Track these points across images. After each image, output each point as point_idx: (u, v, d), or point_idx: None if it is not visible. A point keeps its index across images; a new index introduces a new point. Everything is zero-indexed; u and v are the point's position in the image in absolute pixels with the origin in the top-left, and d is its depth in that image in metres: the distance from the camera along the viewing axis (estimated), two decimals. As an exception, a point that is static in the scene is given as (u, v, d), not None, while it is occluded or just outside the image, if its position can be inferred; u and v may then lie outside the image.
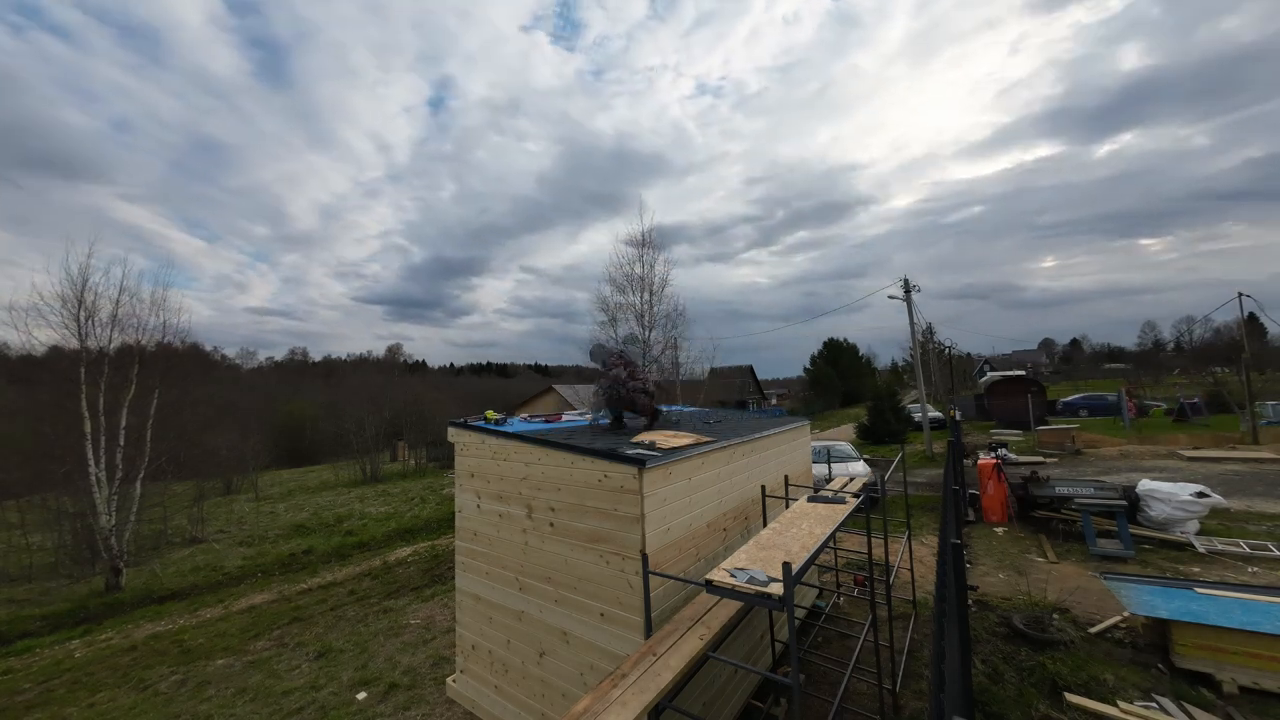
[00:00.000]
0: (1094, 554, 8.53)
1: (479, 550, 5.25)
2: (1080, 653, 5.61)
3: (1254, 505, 10.95)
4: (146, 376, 13.20)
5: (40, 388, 13.11)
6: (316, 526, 16.78)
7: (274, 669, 6.85)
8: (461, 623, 5.48)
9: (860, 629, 4.69)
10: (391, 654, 6.93)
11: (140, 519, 13.20)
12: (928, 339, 40.57)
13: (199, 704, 6.13)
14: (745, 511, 5.37)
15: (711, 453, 4.78)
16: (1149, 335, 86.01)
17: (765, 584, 2.83)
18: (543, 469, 4.58)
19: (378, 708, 5.65)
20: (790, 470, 6.58)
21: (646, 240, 20.22)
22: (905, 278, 21.60)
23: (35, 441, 13.47)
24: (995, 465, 11.03)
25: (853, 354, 71.19)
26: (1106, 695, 4.88)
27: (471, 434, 5.42)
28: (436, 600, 8.88)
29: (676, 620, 3.52)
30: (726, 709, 4.55)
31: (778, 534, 3.67)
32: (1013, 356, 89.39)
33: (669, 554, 4.05)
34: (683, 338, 20.94)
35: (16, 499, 15.24)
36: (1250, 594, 5.59)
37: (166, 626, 9.15)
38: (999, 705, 4.81)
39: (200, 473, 20.29)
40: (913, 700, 5.02)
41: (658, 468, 3.97)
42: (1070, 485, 10.05)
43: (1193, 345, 61.88)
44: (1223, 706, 4.70)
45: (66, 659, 8.07)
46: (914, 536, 9.26)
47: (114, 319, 12.65)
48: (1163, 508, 9.10)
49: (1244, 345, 25.06)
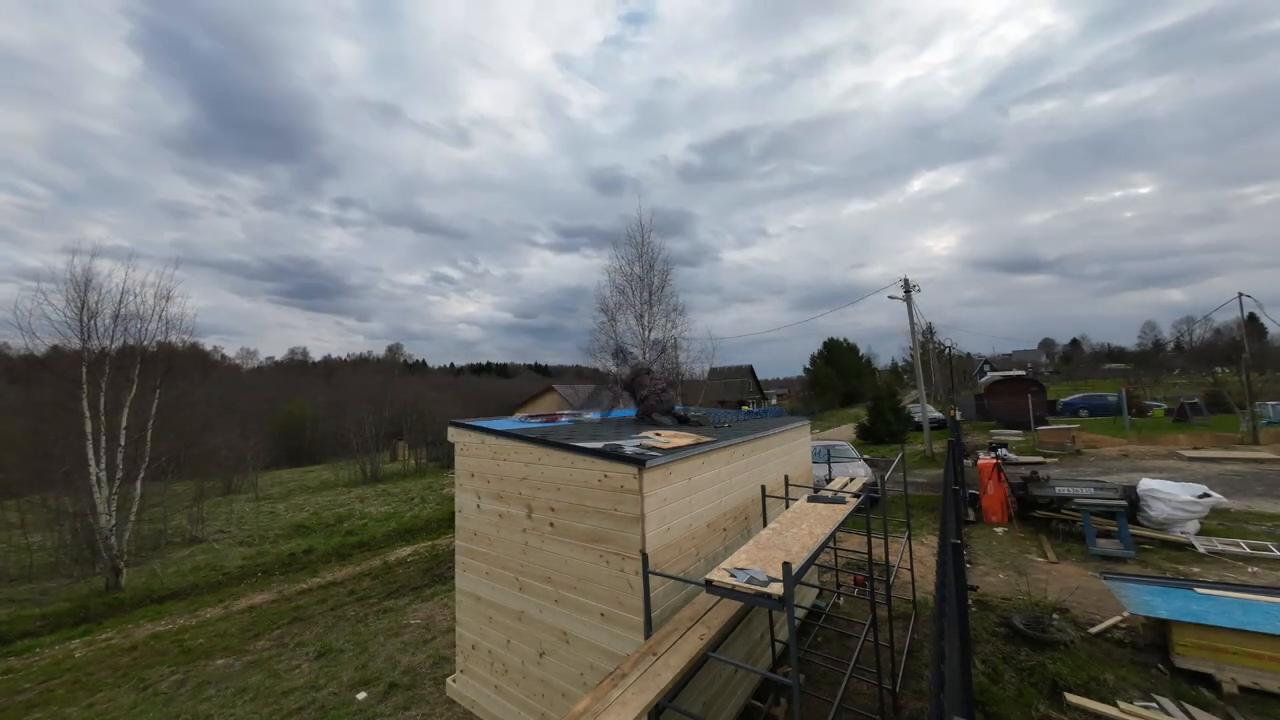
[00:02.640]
0: (1094, 554, 8.53)
1: (479, 550, 5.25)
2: (1080, 653, 5.61)
3: (1254, 505, 10.94)
4: (148, 376, 13.20)
5: (41, 387, 13.11)
6: (317, 526, 16.78)
7: (274, 669, 6.84)
8: (461, 623, 5.48)
9: (860, 629, 4.69)
10: (391, 654, 6.93)
11: (140, 519, 13.19)
12: (928, 339, 40.55)
13: (199, 704, 6.13)
14: (745, 511, 5.37)
15: (711, 453, 4.78)
16: (1149, 335, 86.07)
17: (765, 584, 2.83)
18: (542, 469, 4.58)
19: (378, 708, 5.65)
20: (790, 470, 6.58)
21: (646, 240, 20.24)
22: (905, 278, 21.60)
23: (35, 441, 13.48)
24: (995, 465, 11.03)
25: (853, 354, 71.21)
26: (1106, 695, 4.88)
27: (471, 434, 5.42)
28: (436, 600, 8.88)
29: (676, 620, 3.52)
30: (726, 709, 4.55)
31: (778, 534, 3.67)
32: (1013, 356, 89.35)
33: (669, 554, 4.05)
34: (682, 337, 20.94)
35: (16, 499, 15.24)
36: (1250, 594, 5.59)
37: (167, 626, 9.15)
38: (999, 705, 4.81)
39: (200, 473, 20.31)
40: (913, 700, 5.02)
41: (658, 468, 3.97)
42: (1070, 485, 10.05)
43: (1193, 345, 61.90)
44: (1223, 706, 4.70)
45: (66, 659, 8.07)
46: (914, 536, 9.26)
47: (117, 318, 12.67)
48: (1163, 508, 9.09)
49: (1244, 345, 25.05)
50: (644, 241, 20.21)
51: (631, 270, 20.15)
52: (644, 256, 20.12)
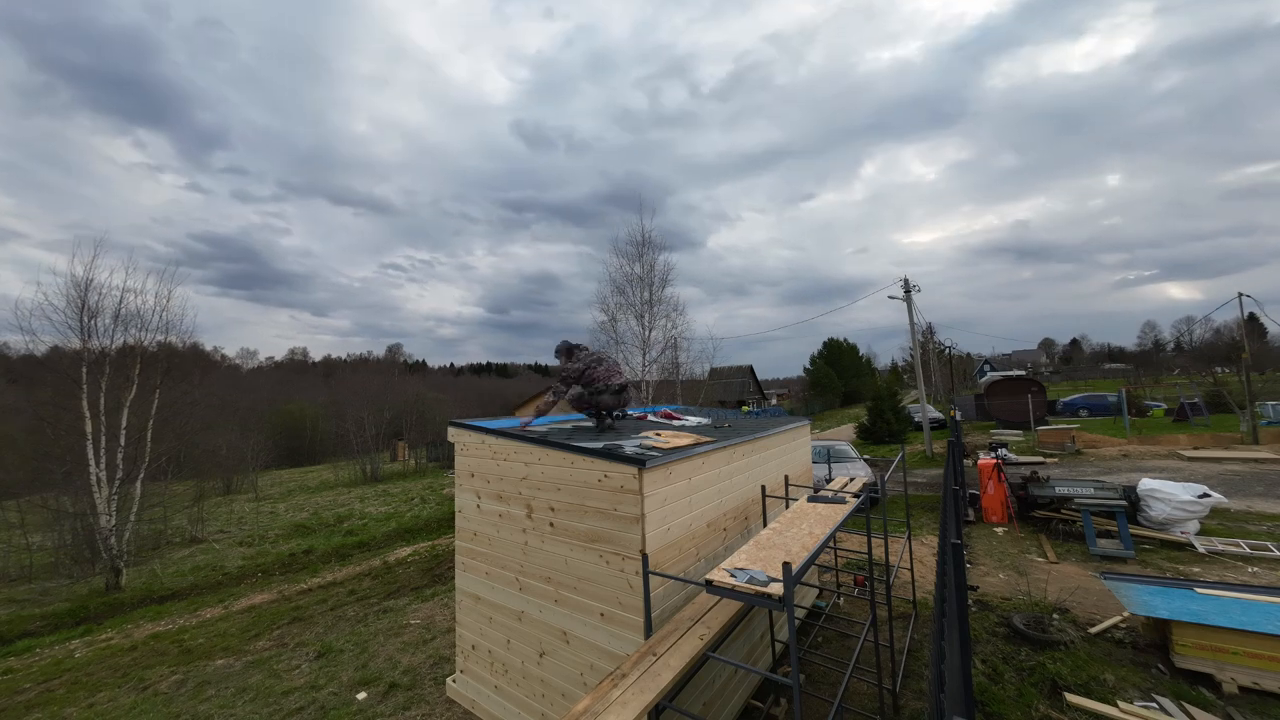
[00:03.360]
0: (1094, 554, 8.53)
1: (479, 550, 5.25)
2: (1080, 653, 5.61)
3: (1254, 505, 10.95)
4: (148, 376, 13.21)
5: (41, 388, 13.11)
6: (317, 526, 16.78)
7: (274, 669, 6.84)
8: (461, 623, 5.48)
9: (860, 629, 4.69)
10: (391, 654, 6.93)
11: (140, 519, 13.19)
12: (928, 339, 40.56)
13: (199, 704, 6.13)
14: (745, 511, 5.37)
15: (712, 453, 4.78)
16: (1149, 335, 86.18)
17: (765, 584, 2.83)
18: (542, 469, 4.58)
19: (378, 708, 5.65)
20: (790, 470, 6.58)
21: (646, 240, 20.24)
22: (905, 278, 21.61)
23: (35, 441, 13.49)
24: (995, 465, 11.03)
25: (853, 354, 71.26)
26: (1106, 695, 4.88)
27: (471, 434, 5.42)
28: (436, 600, 8.88)
29: (676, 620, 3.52)
30: (726, 709, 4.55)
31: (778, 534, 3.67)
32: (1013, 356, 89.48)
33: (669, 554, 4.05)
34: (682, 337, 20.95)
35: (16, 499, 15.24)
36: (1250, 594, 5.59)
37: (167, 626, 9.15)
38: (999, 705, 4.81)
39: (200, 473, 20.34)
40: (913, 700, 5.01)
41: (658, 468, 3.97)
42: (1070, 485, 10.05)
43: (1193, 345, 61.94)
44: (1223, 706, 4.69)
45: (67, 659, 8.07)
46: (914, 536, 9.27)
47: (117, 318, 12.67)
48: (1163, 508, 9.09)
49: (1244, 345, 25.07)
50: (644, 241, 20.23)
51: (631, 270, 20.18)
52: (644, 257, 20.14)
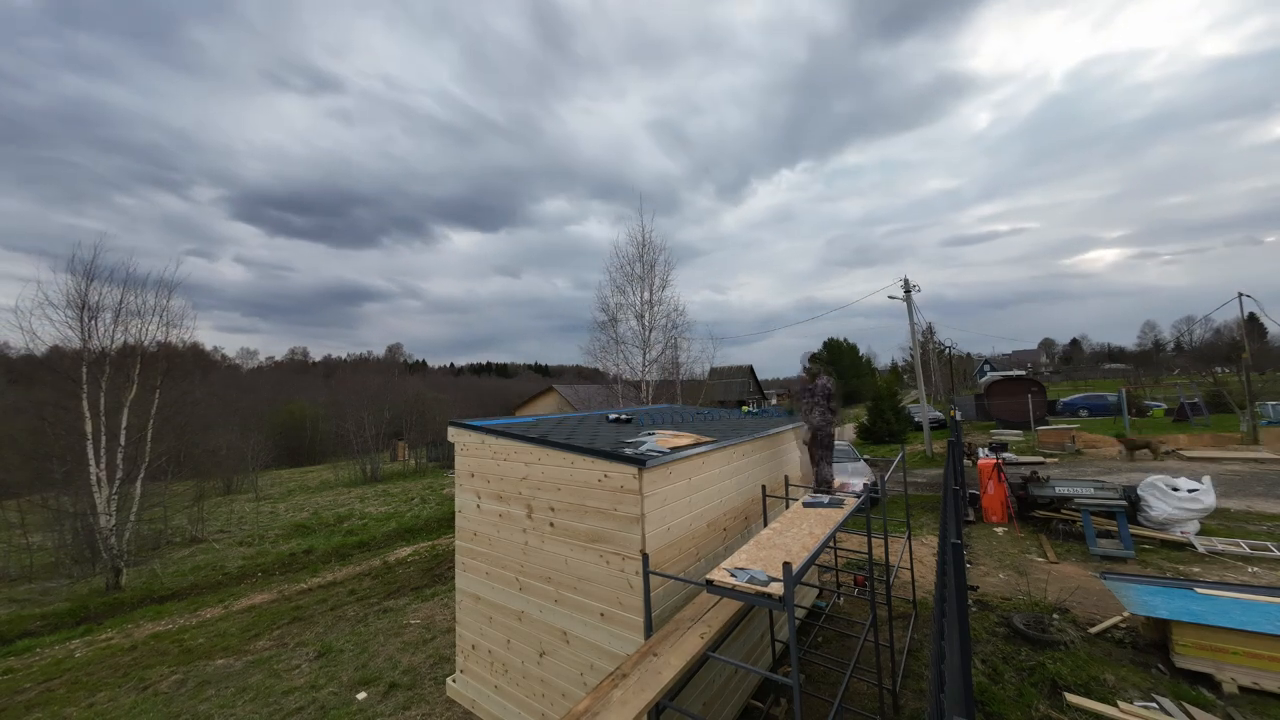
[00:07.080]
0: (1094, 554, 8.53)
1: (479, 550, 5.25)
2: (1080, 653, 5.61)
3: (1254, 505, 10.94)
4: (148, 376, 13.20)
5: (41, 387, 13.11)
6: (317, 526, 16.78)
7: (274, 669, 6.85)
8: (461, 623, 5.48)
9: (860, 629, 4.69)
10: (392, 654, 6.93)
11: (140, 519, 13.18)
12: (928, 339, 40.57)
13: (199, 704, 6.13)
14: (745, 511, 5.37)
15: (712, 453, 4.78)
16: (1149, 335, 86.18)
17: (765, 584, 2.83)
18: (543, 469, 4.58)
19: (378, 708, 5.65)
20: (790, 470, 6.59)
21: (646, 240, 20.23)
22: (905, 278, 21.61)
23: (36, 441, 13.48)
24: (995, 465, 11.03)
25: (853, 354, 71.29)
26: (1106, 695, 4.88)
27: (471, 434, 5.42)
28: (437, 600, 8.88)
29: (676, 620, 3.52)
30: (726, 709, 4.55)
31: (778, 534, 3.67)
32: (1013, 356, 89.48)
33: (669, 554, 4.05)
34: (682, 337, 20.93)
35: (17, 499, 15.24)
36: (1250, 594, 5.59)
37: (167, 626, 9.15)
38: (999, 705, 4.81)
39: (200, 473, 20.33)
40: (913, 700, 5.01)
41: (658, 467, 3.97)
42: (1070, 485, 10.05)
43: (1193, 345, 61.97)
44: (1223, 706, 4.69)
45: (67, 659, 8.07)
46: (914, 536, 9.27)
47: (118, 318, 12.66)
48: (1163, 507, 9.09)
49: (1244, 345, 25.06)
50: (644, 241, 20.21)
51: (632, 270, 20.16)
52: (645, 257, 20.13)
